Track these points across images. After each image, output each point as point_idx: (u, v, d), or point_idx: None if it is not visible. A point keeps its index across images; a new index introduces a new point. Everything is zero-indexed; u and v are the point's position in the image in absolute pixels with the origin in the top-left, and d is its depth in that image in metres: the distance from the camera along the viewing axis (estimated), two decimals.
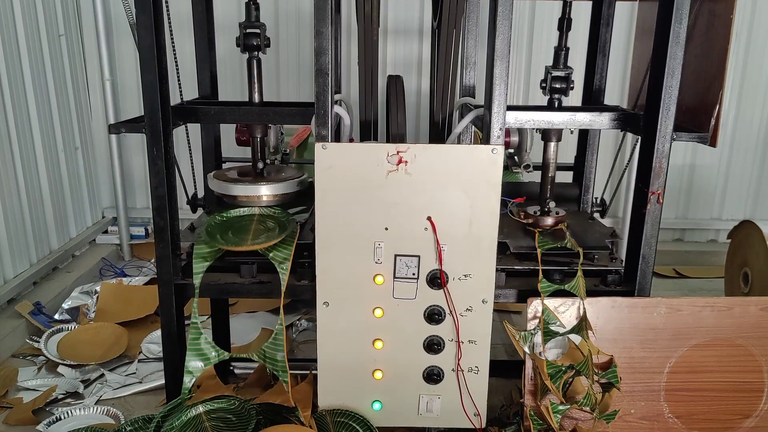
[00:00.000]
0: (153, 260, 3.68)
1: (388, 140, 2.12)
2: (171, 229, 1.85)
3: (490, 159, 1.64)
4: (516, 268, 1.90)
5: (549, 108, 1.95)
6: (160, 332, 1.95)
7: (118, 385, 2.38)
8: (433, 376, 1.78)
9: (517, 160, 2.11)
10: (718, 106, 1.77)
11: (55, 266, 3.33)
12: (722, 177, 4.00)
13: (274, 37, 3.67)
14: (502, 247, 1.88)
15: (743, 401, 1.87)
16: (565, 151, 2.45)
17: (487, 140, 1.76)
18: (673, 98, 1.74)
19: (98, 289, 3.07)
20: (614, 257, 1.94)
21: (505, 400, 2.15)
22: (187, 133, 2.16)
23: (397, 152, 1.64)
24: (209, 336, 1.88)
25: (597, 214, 2.29)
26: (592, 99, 2.28)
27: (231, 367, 2.44)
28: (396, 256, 1.71)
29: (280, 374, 1.77)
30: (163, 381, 2.03)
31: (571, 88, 1.96)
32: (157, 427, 1.76)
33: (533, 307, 1.81)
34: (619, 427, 1.83)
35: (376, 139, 2.20)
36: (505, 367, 2.25)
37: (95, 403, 2.23)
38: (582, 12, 2.39)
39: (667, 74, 1.73)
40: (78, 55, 3.64)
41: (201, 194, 2.24)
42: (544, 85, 1.95)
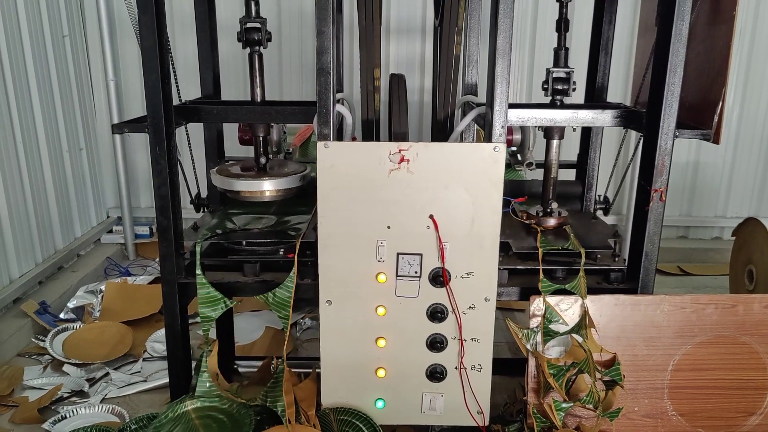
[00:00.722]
0: (157, 259, 3.69)
1: (390, 139, 2.12)
2: (174, 228, 1.86)
3: (492, 157, 1.64)
4: (518, 268, 1.90)
5: (551, 106, 1.95)
6: (164, 331, 1.96)
7: (123, 383, 2.39)
8: (436, 374, 1.78)
9: (519, 158, 2.11)
10: (721, 103, 1.77)
11: (61, 266, 3.35)
12: (726, 174, 3.98)
13: (277, 36, 3.68)
14: (505, 248, 1.88)
15: (747, 399, 1.87)
16: (568, 149, 2.44)
17: (489, 138, 1.76)
18: (676, 95, 1.74)
19: (103, 288, 3.09)
20: (617, 256, 1.94)
21: (509, 397, 2.15)
22: (187, 133, 2.17)
23: (399, 151, 1.64)
24: (213, 334, 1.88)
25: (600, 212, 2.29)
26: (595, 96, 2.28)
27: (235, 366, 2.45)
28: (398, 254, 1.71)
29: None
30: (168, 379, 2.03)
31: (574, 89, 1.95)
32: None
33: (536, 305, 1.81)
34: (622, 425, 1.82)
35: (378, 138, 2.20)
36: (508, 365, 2.26)
37: (100, 402, 2.24)
38: (584, 9, 2.38)
39: (669, 71, 1.72)
40: (82, 55, 3.65)
41: (204, 193, 2.25)
42: (546, 86, 1.95)
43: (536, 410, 1.80)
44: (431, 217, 1.68)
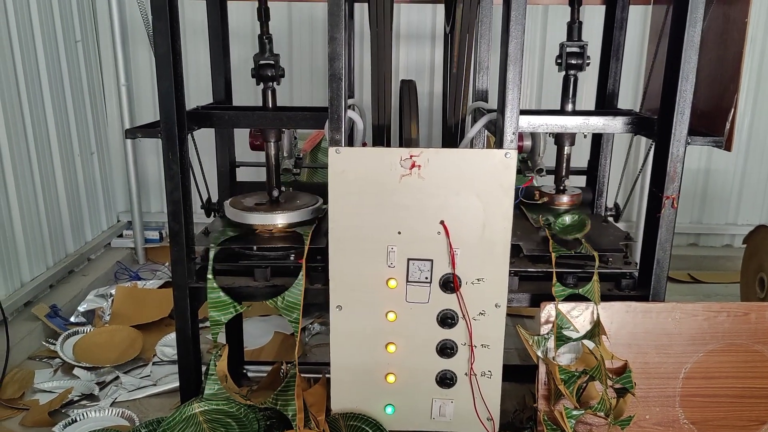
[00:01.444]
0: (167, 264, 3.71)
1: (401, 144, 2.13)
2: (186, 233, 1.87)
3: (503, 163, 1.64)
4: (529, 270, 1.90)
5: (562, 112, 1.95)
6: (174, 335, 1.97)
7: (133, 387, 2.39)
8: (446, 380, 1.78)
9: (530, 164, 2.11)
10: (733, 110, 1.77)
11: (71, 270, 3.37)
12: (738, 181, 3.96)
13: (288, 44, 3.70)
14: (515, 250, 1.88)
15: (759, 407, 1.85)
16: (579, 155, 2.44)
17: (500, 144, 1.76)
18: (688, 102, 1.74)
19: (113, 292, 3.10)
20: (628, 260, 1.93)
21: (519, 404, 2.14)
22: (194, 139, 2.18)
23: (410, 156, 1.65)
24: (222, 338, 1.89)
25: (611, 219, 2.29)
26: (606, 103, 2.27)
27: (244, 370, 2.45)
28: (409, 259, 1.71)
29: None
30: (178, 383, 2.04)
31: (588, 63, 1.94)
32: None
33: (546, 312, 1.81)
34: None
35: (389, 144, 2.20)
36: (519, 372, 2.25)
37: (110, 405, 2.24)
38: (596, 15, 2.38)
39: (681, 78, 1.72)
40: (94, 60, 3.68)
41: (215, 198, 2.26)
42: (559, 61, 1.94)
43: (547, 417, 1.80)
44: (442, 222, 1.68)
